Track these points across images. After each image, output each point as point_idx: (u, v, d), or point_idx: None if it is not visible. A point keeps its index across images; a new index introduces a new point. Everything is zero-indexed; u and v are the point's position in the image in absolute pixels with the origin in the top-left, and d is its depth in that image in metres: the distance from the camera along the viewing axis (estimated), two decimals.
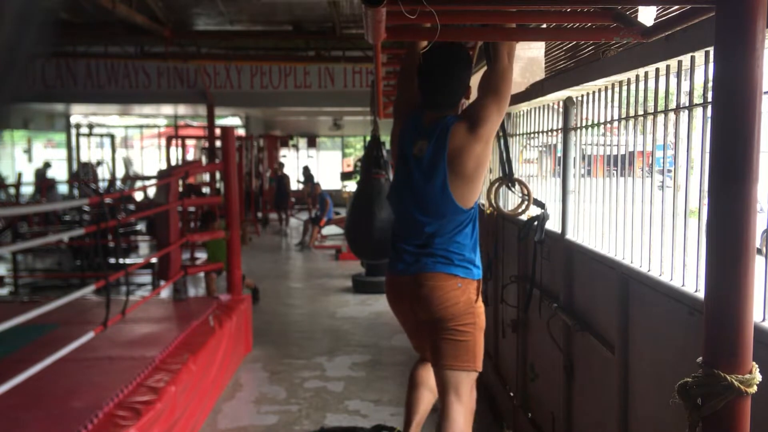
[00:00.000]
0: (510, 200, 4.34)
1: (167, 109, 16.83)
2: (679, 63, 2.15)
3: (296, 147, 22.34)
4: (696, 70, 2.09)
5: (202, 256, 9.42)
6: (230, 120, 19.45)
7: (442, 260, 2.43)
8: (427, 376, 2.67)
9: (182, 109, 16.87)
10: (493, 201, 3.85)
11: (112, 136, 18.90)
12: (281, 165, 17.06)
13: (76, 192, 14.49)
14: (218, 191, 11.22)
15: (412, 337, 2.66)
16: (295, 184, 19.02)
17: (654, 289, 2.31)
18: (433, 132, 2.45)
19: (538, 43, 4.52)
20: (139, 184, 14.79)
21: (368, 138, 6.26)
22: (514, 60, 2.56)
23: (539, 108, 3.87)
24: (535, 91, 3.59)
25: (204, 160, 15.06)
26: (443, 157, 2.42)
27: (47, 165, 16.30)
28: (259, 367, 5.57)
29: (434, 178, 2.43)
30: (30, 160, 17.15)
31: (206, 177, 14.31)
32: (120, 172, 18.17)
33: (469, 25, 2.42)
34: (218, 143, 11.31)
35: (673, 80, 2.28)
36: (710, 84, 1.84)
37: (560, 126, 3.43)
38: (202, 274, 7.06)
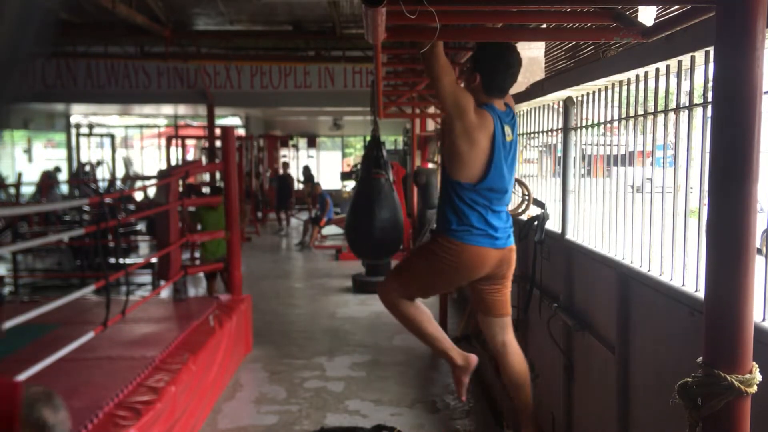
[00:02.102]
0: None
1: (167, 109, 16.82)
2: (679, 63, 2.15)
3: (296, 147, 22.33)
4: (696, 70, 2.09)
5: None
6: (230, 120, 19.43)
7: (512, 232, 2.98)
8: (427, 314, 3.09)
9: (182, 109, 16.86)
10: None
11: (112, 136, 18.89)
12: (286, 165, 16.90)
13: (76, 192, 14.48)
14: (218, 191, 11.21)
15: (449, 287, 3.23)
16: (295, 184, 19.02)
17: (654, 289, 2.31)
18: (509, 118, 2.87)
19: (538, 43, 4.52)
20: (139, 184, 14.79)
21: (368, 138, 6.25)
22: None
23: (539, 108, 3.88)
24: (535, 91, 3.59)
25: (204, 160, 15.06)
26: (517, 140, 2.92)
27: (57, 169, 16.29)
28: (259, 367, 5.57)
29: (514, 160, 2.91)
30: (30, 160, 17.13)
31: (206, 177, 14.31)
32: (120, 172, 18.17)
33: (470, 25, 2.42)
34: (218, 143, 11.31)
35: (673, 80, 2.28)
36: (710, 84, 1.84)
37: (560, 126, 3.43)
38: (201, 274, 7.01)
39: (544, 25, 2.67)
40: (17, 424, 1.35)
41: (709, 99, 1.88)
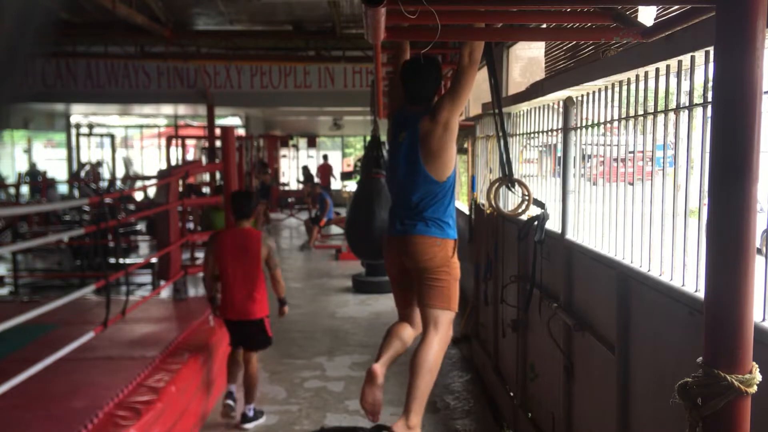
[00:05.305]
0: (510, 200, 4.34)
1: (167, 109, 16.83)
2: (679, 63, 2.15)
3: (296, 147, 22.32)
4: (696, 70, 2.09)
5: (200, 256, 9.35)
6: (230, 120, 19.43)
7: (423, 225, 2.98)
8: (402, 330, 3.27)
9: (182, 109, 16.87)
10: (493, 201, 3.85)
11: (112, 136, 18.89)
12: (264, 165, 16.40)
13: (76, 192, 14.48)
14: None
15: (399, 289, 3.23)
16: (295, 184, 18.98)
17: (654, 289, 2.31)
18: (409, 122, 3.03)
19: (538, 43, 4.52)
20: (139, 184, 14.79)
21: (368, 138, 6.24)
22: (477, 59, 2.91)
23: (539, 108, 3.87)
24: (535, 91, 3.59)
25: (204, 160, 15.04)
26: (416, 141, 2.98)
27: (33, 165, 16.27)
28: (259, 367, 5.54)
29: (413, 158, 2.99)
30: (30, 160, 17.17)
31: (206, 177, 14.29)
32: (120, 172, 18.16)
33: (469, 25, 2.42)
34: (218, 143, 11.30)
35: (673, 80, 2.28)
36: (710, 84, 1.84)
37: (560, 126, 3.43)
38: (201, 274, 7.00)
39: (544, 25, 2.67)
40: (259, 247, 4.39)
41: (709, 99, 1.88)
